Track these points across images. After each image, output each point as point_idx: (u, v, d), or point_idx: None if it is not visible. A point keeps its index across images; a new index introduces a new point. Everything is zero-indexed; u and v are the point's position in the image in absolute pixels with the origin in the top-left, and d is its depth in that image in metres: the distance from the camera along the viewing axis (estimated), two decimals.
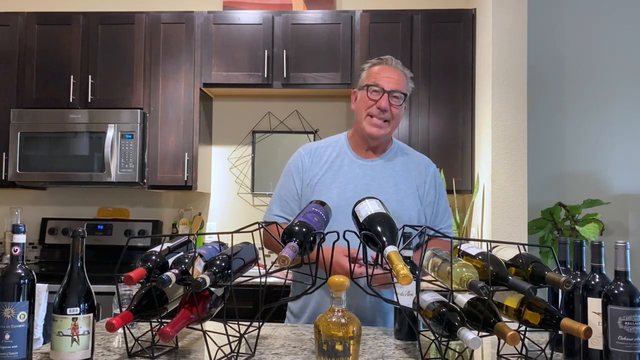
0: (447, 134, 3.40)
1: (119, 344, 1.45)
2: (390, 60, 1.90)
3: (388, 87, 1.85)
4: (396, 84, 1.86)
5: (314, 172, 1.91)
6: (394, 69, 1.89)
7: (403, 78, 1.89)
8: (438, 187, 1.96)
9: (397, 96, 1.85)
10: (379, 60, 1.92)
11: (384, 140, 1.93)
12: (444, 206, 1.96)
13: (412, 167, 1.94)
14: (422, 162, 1.98)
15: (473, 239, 2.66)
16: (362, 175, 1.89)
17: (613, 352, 1.19)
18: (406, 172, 1.92)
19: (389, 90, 1.84)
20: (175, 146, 3.50)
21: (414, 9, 3.52)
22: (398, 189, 1.87)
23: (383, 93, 1.84)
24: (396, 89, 1.85)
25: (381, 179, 1.88)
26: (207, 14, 3.55)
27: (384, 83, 1.85)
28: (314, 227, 1.38)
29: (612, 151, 3.60)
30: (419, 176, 1.93)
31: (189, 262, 1.28)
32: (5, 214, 3.84)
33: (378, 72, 1.88)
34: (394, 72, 1.88)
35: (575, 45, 3.66)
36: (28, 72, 3.57)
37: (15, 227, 1.23)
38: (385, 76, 1.86)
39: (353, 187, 1.85)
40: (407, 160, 1.96)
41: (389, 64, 1.89)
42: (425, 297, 1.40)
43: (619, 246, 1.22)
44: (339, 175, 1.89)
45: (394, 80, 1.86)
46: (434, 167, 2.00)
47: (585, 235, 3.14)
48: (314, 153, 1.95)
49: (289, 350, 1.40)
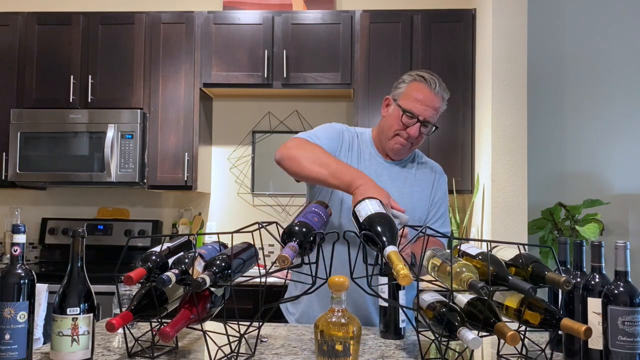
0: (447, 134, 3.40)
1: (119, 344, 1.45)
2: (432, 83, 1.83)
3: (423, 117, 1.81)
4: (432, 112, 1.82)
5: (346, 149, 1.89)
6: (434, 95, 1.82)
7: (440, 104, 1.85)
8: (444, 194, 2.00)
9: (428, 126, 1.84)
10: (422, 78, 1.84)
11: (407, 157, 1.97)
12: (442, 213, 1.97)
13: (428, 172, 1.98)
14: (435, 167, 2.02)
15: (473, 239, 2.66)
16: (379, 175, 1.89)
17: (613, 352, 1.19)
18: (422, 177, 1.96)
19: (422, 120, 1.81)
20: (175, 146, 3.50)
21: (414, 9, 3.52)
22: (413, 191, 1.90)
23: (417, 122, 1.82)
24: (430, 119, 1.82)
25: (397, 180, 1.91)
26: (207, 14, 3.55)
27: (421, 111, 1.81)
28: (314, 227, 1.38)
29: (612, 151, 3.60)
30: (432, 180, 1.97)
31: (189, 262, 1.28)
32: (5, 214, 3.84)
33: (417, 94, 1.82)
34: (434, 98, 1.82)
35: (575, 45, 3.66)
36: (28, 72, 3.57)
37: (15, 227, 1.23)
38: (423, 102, 1.81)
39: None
40: (424, 167, 2.00)
41: (431, 88, 1.82)
42: (425, 297, 1.40)
43: (619, 246, 1.22)
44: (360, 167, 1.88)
45: (431, 108, 1.82)
46: (445, 177, 2.03)
47: (585, 235, 3.14)
48: (350, 133, 1.94)
49: (289, 350, 1.40)
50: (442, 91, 1.85)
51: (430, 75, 1.85)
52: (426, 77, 1.85)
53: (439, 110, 1.86)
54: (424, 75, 1.85)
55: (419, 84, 1.84)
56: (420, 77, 1.85)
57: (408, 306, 1.53)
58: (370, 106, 3.44)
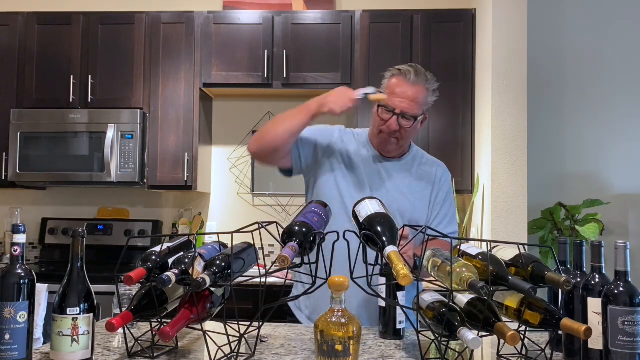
0: (447, 134, 3.40)
1: (119, 344, 1.45)
2: (409, 73, 1.79)
3: (399, 109, 1.78)
4: (409, 104, 1.77)
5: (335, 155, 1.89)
6: (412, 85, 1.78)
7: (420, 94, 1.80)
8: (448, 190, 1.95)
9: (407, 118, 1.79)
10: (399, 71, 1.83)
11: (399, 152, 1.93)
12: (446, 212, 1.93)
13: (429, 170, 1.95)
14: (438, 165, 1.98)
15: (473, 239, 2.66)
16: (377, 172, 1.89)
17: (613, 352, 1.19)
18: (423, 175, 1.93)
19: (399, 113, 1.78)
20: (175, 146, 3.50)
21: (414, 9, 3.52)
22: (412, 191, 1.88)
23: (393, 115, 1.79)
24: (407, 111, 1.78)
25: (396, 178, 1.89)
26: (207, 14, 3.55)
27: (397, 103, 1.78)
28: (314, 227, 1.38)
29: (612, 151, 3.60)
30: (434, 179, 1.93)
31: (189, 262, 1.28)
32: (5, 214, 3.84)
33: (393, 87, 1.81)
34: (411, 88, 1.78)
35: (575, 45, 3.66)
36: (28, 72, 3.57)
37: (15, 227, 1.23)
38: (400, 95, 1.79)
39: (368, 182, 1.87)
40: (425, 165, 1.96)
41: (407, 78, 1.79)
42: (425, 297, 1.40)
43: (619, 246, 1.22)
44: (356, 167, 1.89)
45: (408, 99, 1.78)
46: (449, 175, 1.99)
47: (585, 235, 3.14)
48: (346, 133, 1.96)
49: (289, 350, 1.40)
50: (420, 81, 1.80)
51: (408, 67, 1.82)
52: (402, 69, 1.82)
53: (420, 101, 1.80)
54: (400, 68, 1.84)
55: (395, 77, 1.83)
56: (397, 70, 1.84)
57: (408, 306, 1.52)
58: (370, 106, 3.42)
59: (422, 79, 1.81)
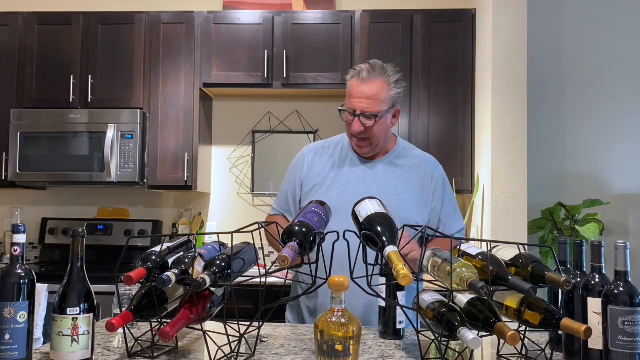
0: (447, 134, 3.40)
1: (119, 344, 1.45)
2: (362, 72, 1.78)
3: (359, 110, 1.77)
4: (368, 103, 1.76)
5: (316, 172, 1.91)
6: (366, 83, 1.77)
7: (378, 90, 1.77)
8: (445, 191, 1.91)
9: (368, 117, 1.77)
10: (354, 71, 1.82)
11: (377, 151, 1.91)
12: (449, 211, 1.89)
13: (417, 169, 1.90)
14: (428, 163, 1.93)
15: (473, 239, 2.66)
16: (363, 176, 1.88)
17: (613, 352, 1.19)
18: (409, 174, 1.89)
19: (359, 114, 1.77)
20: (175, 146, 3.50)
21: (414, 9, 3.52)
22: (398, 192, 1.85)
23: (354, 117, 1.78)
24: (366, 110, 1.76)
25: (381, 180, 1.87)
26: (207, 14, 3.55)
27: (355, 104, 1.78)
28: (314, 227, 1.38)
29: (612, 151, 3.60)
30: (424, 178, 1.89)
31: (189, 262, 1.28)
32: (5, 214, 3.84)
33: (352, 89, 1.80)
34: (367, 86, 1.77)
35: (575, 45, 3.66)
36: (28, 72, 3.57)
37: (15, 227, 1.23)
38: (357, 95, 1.78)
39: (353, 189, 1.85)
40: (412, 162, 1.92)
41: (362, 78, 1.77)
42: (425, 297, 1.40)
43: (619, 246, 1.22)
44: (341, 176, 1.89)
45: (364, 97, 1.76)
46: (440, 168, 1.94)
47: (585, 235, 3.14)
48: (317, 153, 1.96)
49: (289, 350, 1.40)
50: (377, 76, 1.78)
51: (362, 65, 1.81)
52: (357, 68, 1.82)
53: (379, 97, 1.77)
54: (356, 68, 1.83)
55: (352, 78, 1.82)
56: (353, 70, 1.83)
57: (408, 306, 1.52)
58: None
59: (379, 73, 1.79)
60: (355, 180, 1.87)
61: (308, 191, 1.90)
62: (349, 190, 1.85)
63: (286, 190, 1.98)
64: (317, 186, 1.89)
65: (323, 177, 1.90)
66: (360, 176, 1.88)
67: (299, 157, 2.00)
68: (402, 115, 3.41)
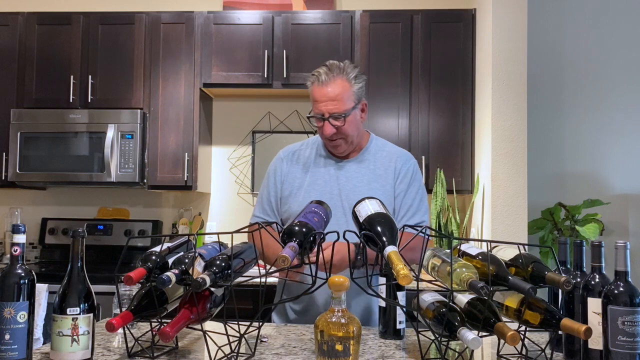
0: (447, 134, 3.40)
1: (119, 344, 1.45)
2: (322, 76, 1.79)
3: (326, 113, 1.79)
4: (333, 104, 1.78)
5: (294, 175, 1.93)
6: (327, 85, 1.78)
7: (340, 89, 1.79)
8: (411, 180, 1.89)
9: (337, 117, 1.79)
10: (313, 76, 1.82)
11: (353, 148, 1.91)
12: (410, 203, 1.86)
13: (388, 164, 1.90)
14: (399, 156, 1.92)
15: (473, 239, 2.66)
16: (336, 177, 1.88)
17: (613, 352, 1.19)
18: (382, 170, 1.89)
19: (327, 117, 1.79)
20: (175, 146, 3.50)
21: (414, 9, 3.52)
22: (371, 188, 1.84)
23: (323, 120, 1.80)
24: (333, 111, 1.78)
25: (355, 178, 1.88)
26: (207, 14, 3.55)
27: (321, 108, 1.79)
28: (314, 227, 1.38)
29: (612, 151, 3.60)
30: (394, 172, 1.89)
31: (189, 262, 1.28)
32: (5, 214, 3.84)
33: (315, 95, 1.82)
34: (329, 88, 1.78)
35: (575, 45, 3.66)
36: (28, 72, 3.57)
37: (15, 227, 1.23)
38: (321, 99, 1.79)
39: (329, 189, 1.86)
40: (384, 158, 1.92)
41: (321, 81, 1.79)
42: (425, 297, 1.40)
43: (619, 246, 1.22)
44: (317, 178, 1.90)
45: (329, 100, 1.78)
46: (412, 162, 1.93)
47: (585, 235, 3.14)
48: (293, 156, 1.97)
49: (289, 350, 1.40)
50: (336, 75, 1.79)
51: (319, 69, 1.82)
52: (315, 73, 1.82)
53: (342, 96, 1.79)
54: (314, 72, 1.83)
55: (312, 84, 1.83)
56: (312, 76, 1.83)
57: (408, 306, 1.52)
58: (370, 106, 3.38)
59: (337, 73, 1.80)
60: (330, 181, 1.88)
61: (287, 195, 1.91)
62: (325, 191, 1.86)
63: (267, 195, 1.97)
64: (295, 189, 1.90)
65: (300, 180, 1.91)
66: (334, 177, 1.89)
67: (276, 161, 2.00)
68: (402, 115, 3.42)
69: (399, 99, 3.43)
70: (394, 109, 3.43)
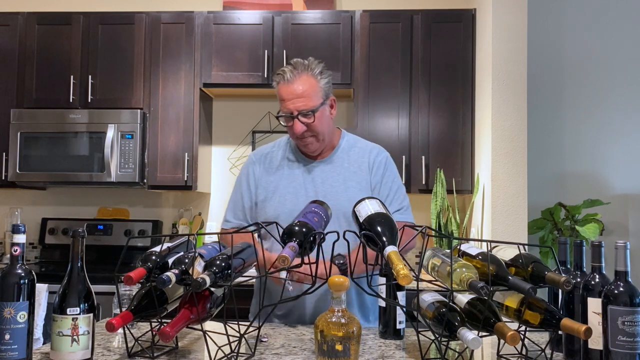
0: (447, 134, 3.40)
1: (119, 344, 1.45)
2: (287, 74, 1.77)
3: (295, 111, 1.77)
4: (301, 101, 1.76)
5: (268, 179, 1.90)
6: (293, 83, 1.77)
7: (306, 86, 1.77)
8: (384, 170, 1.87)
9: (306, 114, 1.78)
10: (278, 75, 1.80)
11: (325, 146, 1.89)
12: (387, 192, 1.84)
13: (361, 160, 1.89)
14: (370, 150, 1.91)
15: (473, 239, 2.66)
16: (312, 178, 1.87)
17: (613, 352, 1.19)
18: (356, 167, 1.88)
19: (296, 115, 1.77)
20: (175, 146, 3.50)
21: (414, 9, 3.52)
22: (347, 187, 1.83)
23: (292, 119, 1.78)
24: (302, 108, 1.76)
25: (330, 178, 1.86)
26: (207, 14, 3.55)
27: (289, 106, 1.77)
28: (314, 227, 1.38)
29: (612, 151, 3.60)
30: (367, 167, 1.88)
31: (189, 262, 1.28)
32: (5, 214, 3.84)
33: (281, 93, 1.80)
34: (295, 85, 1.77)
35: (575, 45, 3.66)
36: (28, 72, 3.57)
37: (15, 227, 1.23)
38: (288, 97, 1.77)
39: (304, 192, 1.84)
40: (356, 154, 1.91)
41: (287, 80, 1.77)
42: (425, 297, 1.40)
43: (619, 246, 1.22)
44: (291, 180, 1.87)
45: (296, 97, 1.76)
46: (384, 155, 1.92)
47: (585, 235, 3.14)
48: (265, 159, 1.95)
49: (289, 350, 1.40)
50: (301, 72, 1.78)
51: (284, 68, 1.80)
52: (280, 72, 1.80)
53: (309, 93, 1.77)
54: (279, 72, 1.81)
55: (278, 84, 1.81)
56: (277, 75, 1.81)
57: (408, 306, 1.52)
58: (370, 106, 3.44)
59: (302, 70, 1.79)
60: (305, 183, 1.86)
61: (263, 199, 1.89)
62: (300, 193, 1.84)
63: (240, 201, 1.94)
64: (270, 193, 1.88)
65: (275, 184, 1.88)
66: (308, 178, 1.87)
67: (248, 164, 1.97)
68: (402, 115, 3.42)
69: (399, 99, 3.43)
70: (394, 108, 3.43)
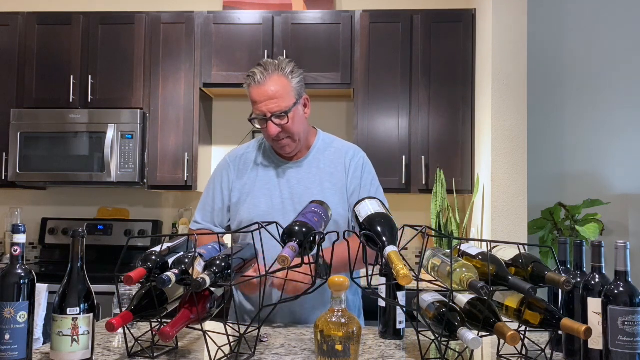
0: (447, 134, 3.40)
1: (119, 344, 1.45)
2: (257, 76, 1.74)
3: (268, 113, 1.74)
4: (274, 102, 1.73)
5: (242, 182, 1.88)
6: (265, 84, 1.74)
7: (278, 87, 1.74)
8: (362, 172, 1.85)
9: (280, 116, 1.75)
10: (248, 77, 1.77)
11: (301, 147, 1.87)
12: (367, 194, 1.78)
13: (338, 161, 1.87)
14: (347, 152, 1.89)
15: (473, 239, 2.66)
16: (287, 180, 1.85)
17: (613, 352, 1.19)
18: (331, 168, 1.86)
19: (270, 117, 1.75)
20: (175, 146, 3.50)
21: (414, 9, 3.52)
22: (323, 188, 1.82)
23: (266, 121, 1.76)
24: (275, 110, 1.74)
25: (306, 179, 1.84)
26: (207, 14, 3.55)
27: (262, 108, 1.75)
28: (314, 227, 1.38)
29: (612, 151, 3.60)
30: (344, 168, 1.85)
31: (189, 262, 1.28)
32: (5, 214, 3.84)
33: (253, 96, 1.77)
34: (266, 87, 1.74)
35: (575, 45, 3.66)
36: (28, 72, 3.57)
37: (15, 227, 1.23)
38: (260, 99, 1.74)
39: (279, 194, 1.83)
40: (332, 155, 1.88)
41: (258, 81, 1.74)
42: (425, 297, 1.40)
43: (619, 246, 1.22)
44: (266, 182, 1.86)
45: (268, 98, 1.74)
46: (360, 155, 1.89)
47: (585, 235, 3.14)
48: (240, 160, 1.93)
49: (289, 350, 1.40)
50: (272, 73, 1.75)
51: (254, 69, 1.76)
52: (250, 74, 1.77)
53: (281, 93, 1.74)
54: (249, 74, 1.78)
55: (249, 86, 1.78)
56: (247, 77, 1.78)
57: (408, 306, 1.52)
58: (370, 106, 3.44)
59: (273, 70, 1.76)
60: (280, 185, 1.85)
61: (236, 202, 1.86)
62: (275, 195, 1.83)
63: (211, 201, 1.91)
64: (245, 195, 1.85)
65: (250, 186, 1.86)
66: (284, 180, 1.85)
67: (223, 165, 1.95)
68: (402, 115, 3.42)
69: (399, 99, 3.43)
70: (394, 108, 3.43)
